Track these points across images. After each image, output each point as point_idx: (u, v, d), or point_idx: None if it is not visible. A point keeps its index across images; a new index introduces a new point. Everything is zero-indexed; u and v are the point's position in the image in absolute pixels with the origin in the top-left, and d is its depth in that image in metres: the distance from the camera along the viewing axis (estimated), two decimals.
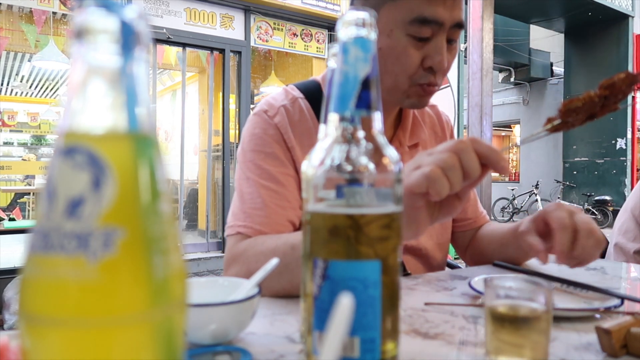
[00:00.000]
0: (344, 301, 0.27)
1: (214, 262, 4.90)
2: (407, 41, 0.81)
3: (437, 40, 0.81)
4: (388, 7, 0.82)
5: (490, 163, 0.57)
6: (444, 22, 0.79)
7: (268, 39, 5.29)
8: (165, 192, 0.25)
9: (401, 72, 0.83)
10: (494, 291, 0.47)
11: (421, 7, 0.79)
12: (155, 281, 0.23)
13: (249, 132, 0.89)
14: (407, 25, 0.80)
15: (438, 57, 0.81)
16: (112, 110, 0.24)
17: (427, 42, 0.81)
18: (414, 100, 0.86)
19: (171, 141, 7.16)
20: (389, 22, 0.81)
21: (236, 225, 0.83)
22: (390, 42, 0.81)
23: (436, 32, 0.80)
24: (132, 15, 0.24)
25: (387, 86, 0.85)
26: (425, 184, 0.54)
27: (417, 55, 0.81)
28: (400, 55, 0.82)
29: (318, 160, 0.39)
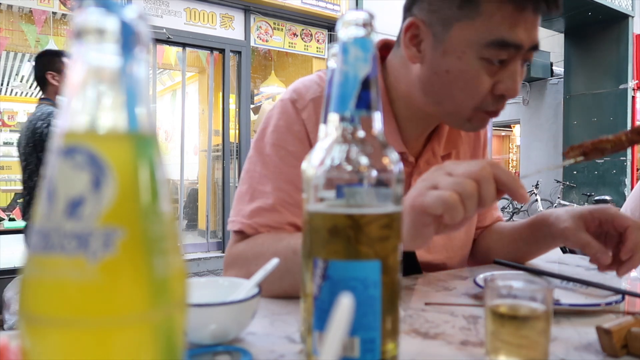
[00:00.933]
0: (344, 301, 0.27)
1: (214, 262, 4.90)
2: (480, 65, 0.73)
3: (513, 65, 0.74)
4: (461, 26, 0.73)
5: (508, 191, 0.57)
6: (523, 45, 0.72)
7: (268, 39, 5.29)
8: (165, 192, 0.25)
9: (468, 99, 0.76)
10: (494, 290, 0.47)
11: (501, 28, 0.71)
12: (155, 281, 0.23)
13: (274, 121, 0.83)
14: (482, 48, 0.72)
15: (512, 83, 0.74)
16: (112, 110, 0.24)
17: (502, 67, 0.74)
18: (475, 124, 0.80)
19: (171, 141, 7.16)
20: (460, 43, 0.73)
21: (240, 222, 0.80)
22: (461, 65, 0.74)
23: (513, 55, 0.73)
24: (132, 15, 0.24)
25: (447, 110, 0.79)
26: (442, 209, 0.54)
27: (489, 81, 0.74)
28: (471, 80, 0.74)
29: (318, 160, 0.39)
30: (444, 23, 0.74)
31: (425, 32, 0.76)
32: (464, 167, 0.57)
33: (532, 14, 0.72)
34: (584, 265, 0.99)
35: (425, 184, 0.57)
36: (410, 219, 0.58)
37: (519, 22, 0.71)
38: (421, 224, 0.57)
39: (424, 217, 0.56)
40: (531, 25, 0.72)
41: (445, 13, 0.74)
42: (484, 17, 0.71)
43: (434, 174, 0.58)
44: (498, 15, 0.71)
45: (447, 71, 0.75)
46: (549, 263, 1.00)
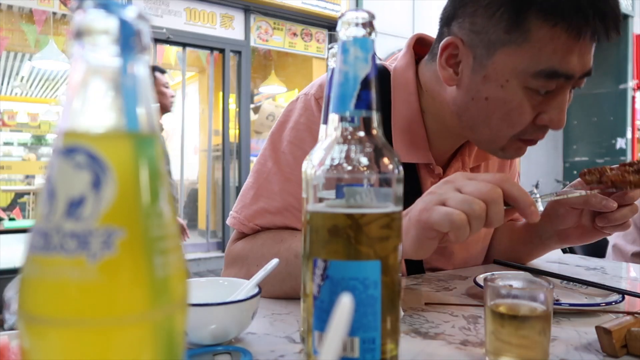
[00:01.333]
0: (344, 301, 0.27)
1: (214, 262, 4.90)
2: (523, 94, 0.67)
3: (561, 95, 0.68)
4: (507, 52, 0.67)
5: (518, 208, 0.55)
6: (575, 75, 0.67)
7: (268, 39, 5.29)
8: (165, 192, 0.25)
9: (506, 129, 0.70)
10: (494, 290, 0.47)
11: (553, 57, 0.65)
12: (155, 281, 0.23)
13: (295, 117, 0.79)
14: (529, 77, 0.66)
15: (558, 114, 0.68)
16: (112, 110, 0.24)
17: (549, 96, 0.68)
18: (509, 154, 0.75)
19: (171, 141, 7.16)
20: (505, 70, 0.67)
21: (239, 222, 0.78)
22: (503, 94, 0.68)
23: (562, 85, 0.67)
24: (132, 15, 0.24)
25: (482, 137, 0.74)
26: (448, 228, 0.53)
27: (532, 112, 0.69)
28: (513, 110, 0.68)
29: (318, 160, 0.39)
30: (487, 46, 0.68)
31: (464, 53, 0.70)
32: (474, 185, 0.55)
33: (589, 41, 0.66)
34: (584, 265, 0.99)
35: (433, 198, 0.56)
36: (416, 232, 0.57)
37: (573, 51, 0.65)
38: (426, 237, 0.57)
39: (430, 232, 0.56)
40: (586, 52, 0.66)
41: (490, 36, 0.67)
42: (534, 44, 0.65)
43: (443, 188, 0.57)
44: (550, 43, 0.64)
45: (486, 98, 0.70)
46: (549, 263, 1.00)
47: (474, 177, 0.57)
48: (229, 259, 0.79)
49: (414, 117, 0.79)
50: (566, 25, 0.63)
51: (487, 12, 0.67)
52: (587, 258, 1.11)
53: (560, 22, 0.63)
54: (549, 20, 0.64)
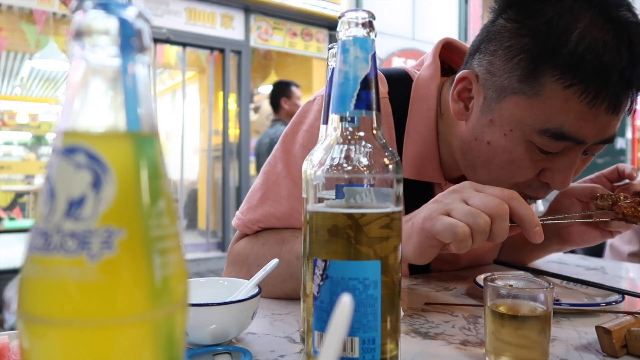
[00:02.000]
0: (344, 301, 0.27)
1: (214, 262, 4.90)
2: (526, 149, 0.64)
3: (569, 157, 0.64)
4: (515, 101, 0.63)
5: (523, 227, 0.54)
6: (587, 141, 0.62)
7: (268, 39, 5.29)
8: (165, 192, 0.25)
9: (506, 180, 0.67)
10: (494, 290, 0.47)
11: (562, 118, 0.60)
12: (155, 281, 0.23)
13: (310, 120, 0.75)
14: (534, 133, 0.62)
15: (562, 177, 0.64)
16: (112, 110, 0.24)
17: (555, 156, 0.64)
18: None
19: (171, 141, 7.16)
20: (510, 119, 0.64)
21: (245, 223, 0.77)
22: (505, 142, 0.65)
23: (570, 148, 0.63)
24: (132, 15, 0.24)
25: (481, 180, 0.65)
26: (451, 239, 0.52)
27: (535, 168, 0.66)
28: (513, 162, 0.65)
29: (318, 160, 0.39)
30: (498, 90, 0.65)
31: (477, 90, 0.68)
32: (482, 198, 0.54)
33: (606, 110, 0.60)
34: (584, 265, 0.99)
35: (438, 207, 0.55)
36: (418, 239, 0.56)
37: (587, 117, 0.60)
38: (427, 245, 0.56)
39: (432, 241, 0.55)
40: (605, 121, 0.61)
41: (503, 81, 0.64)
42: (545, 100, 0.61)
43: (449, 197, 0.56)
44: (562, 103, 0.60)
45: (488, 142, 0.67)
46: (549, 263, 1.00)
47: (482, 189, 0.56)
48: (230, 258, 0.79)
49: (429, 135, 0.76)
50: (582, 88, 0.59)
51: (506, 55, 0.64)
52: (587, 258, 1.11)
53: (577, 83, 0.59)
54: (565, 79, 0.59)
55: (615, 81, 0.58)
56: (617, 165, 0.76)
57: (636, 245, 1.42)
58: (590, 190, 0.74)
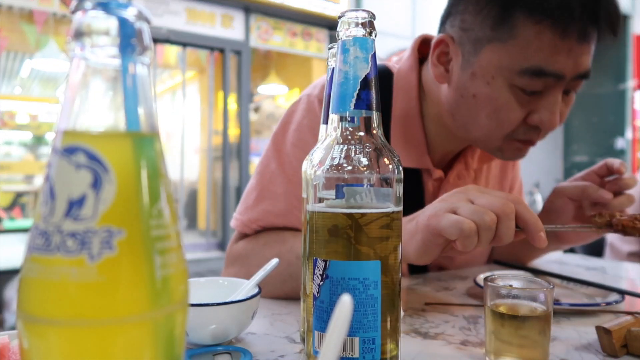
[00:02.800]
0: (344, 301, 0.27)
1: (214, 262, 4.89)
2: (511, 93, 0.67)
3: (551, 95, 0.67)
4: (493, 49, 0.66)
5: (527, 231, 0.55)
6: (565, 75, 0.65)
7: (268, 39, 5.29)
8: (165, 192, 0.25)
9: (497, 128, 0.70)
10: (494, 290, 0.47)
11: (538, 55, 0.64)
12: (155, 281, 0.23)
13: (298, 118, 0.78)
14: (515, 75, 0.65)
15: (549, 115, 0.67)
16: (112, 109, 0.24)
17: (537, 96, 0.67)
18: (508, 154, 0.74)
19: (171, 141, 7.16)
20: (491, 67, 0.67)
21: (243, 224, 0.77)
22: (489, 91, 0.67)
23: (552, 85, 0.66)
24: (133, 15, 0.24)
25: (477, 137, 0.73)
26: (457, 235, 0.52)
27: (522, 111, 0.68)
28: (500, 109, 0.67)
29: (318, 160, 0.39)
30: (474, 43, 0.68)
31: (454, 51, 0.71)
32: (488, 198, 0.54)
33: (577, 40, 0.63)
34: (584, 265, 0.99)
35: (444, 206, 0.55)
36: (423, 237, 0.56)
37: (561, 50, 0.63)
38: (432, 243, 0.56)
39: (437, 238, 0.55)
40: (578, 52, 0.64)
41: (477, 33, 0.67)
42: (519, 41, 0.64)
43: (454, 197, 0.56)
44: (535, 40, 0.63)
45: (474, 95, 0.69)
46: (549, 263, 1.00)
47: (488, 191, 0.57)
48: (230, 258, 0.79)
49: (413, 121, 0.79)
50: (550, 22, 0.62)
51: (475, 8, 0.68)
52: (587, 258, 1.11)
53: (545, 19, 0.63)
54: (534, 17, 0.63)
55: (579, 12, 0.62)
56: (605, 161, 0.76)
57: (635, 244, 1.42)
58: (581, 188, 0.74)
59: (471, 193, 0.56)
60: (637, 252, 1.41)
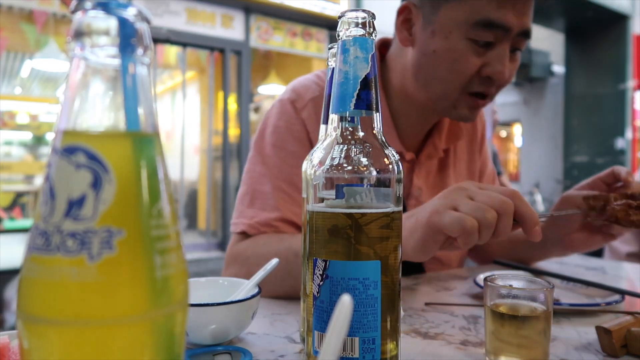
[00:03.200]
0: (344, 301, 0.27)
1: (214, 262, 4.90)
2: (466, 45, 0.74)
3: (501, 48, 0.74)
4: (449, 7, 0.74)
5: (524, 225, 0.56)
6: (512, 28, 0.73)
7: (268, 39, 5.29)
8: (165, 192, 0.25)
9: (455, 79, 0.76)
10: (494, 290, 0.47)
11: (488, 8, 0.72)
12: (155, 281, 0.23)
13: (273, 122, 0.83)
14: (469, 28, 0.73)
15: (499, 66, 0.74)
16: (112, 109, 0.24)
17: (489, 49, 0.74)
18: (462, 112, 0.80)
19: (171, 141, 7.16)
20: (448, 23, 0.74)
21: (242, 224, 0.79)
22: (448, 44, 0.74)
23: (500, 38, 0.74)
24: (132, 15, 0.24)
25: (436, 93, 0.79)
26: (458, 232, 0.53)
27: (476, 61, 0.74)
28: (457, 60, 0.74)
29: (318, 160, 0.39)
30: (433, 4, 0.76)
31: (416, 15, 0.79)
32: (487, 195, 0.56)
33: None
34: (583, 265, 0.99)
35: (444, 202, 0.56)
36: (422, 233, 0.57)
37: (506, 4, 0.72)
38: (432, 240, 0.57)
39: (438, 235, 0.56)
40: (521, 9, 0.73)
41: None
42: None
43: (454, 194, 0.57)
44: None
45: (434, 51, 0.76)
46: (549, 263, 1.00)
47: (486, 187, 0.58)
48: (230, 258, 0.80)
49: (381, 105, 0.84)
50: None
51: None
52: (587, 258, 1.11)
53: None
54: None
55: None
56: (612, 168, 0.77)
57: (635, 245, 1.42)
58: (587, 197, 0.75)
59: (471, 189, 0.57)
60: (636, 252, 1.41)
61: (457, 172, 0.96)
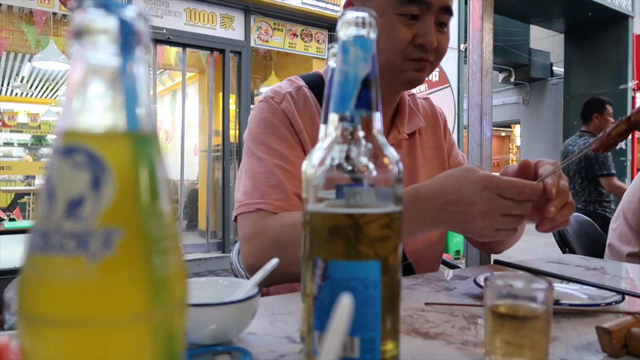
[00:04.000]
0: (344, 301, 0.27)
1: (214, 262, 4.90)
2: (397, 19, 0.87)
3: (426, 20, 0.88)
4: None
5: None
6: (432, 2, 0.87)
7: (268, 39, 5.29)
8: (165, 192, 0.25)
9: (393, 49, 0.88)
10: (494, 290, 0.47)
11: None
12: (155, 281, 0.23)
13: (257, 117, 0.92)
14: (397, 5, 0.86)
15: (427, 35, 0.87)
16: (112, 110, 0.24)
17: (417, 22, 0.88)
18: (409, 75, 0.90)
19: (171, 141, 7.16)
20: (380, 3, 0.88)
21: (253, 203, 0.83)
22: (383, 20, 0.87)
23: (424, 12, 0.87)
24: (132, 15, 0.24)
25: (382, 64, 0.87)
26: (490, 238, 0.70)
27: (408, 32, 0.87)
28: (392, 32, 0.87)
29: (318, 160, 0.39)
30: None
31: (357, 2, 0.92)
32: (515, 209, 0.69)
33: None
34: (584, 265, 0.99)
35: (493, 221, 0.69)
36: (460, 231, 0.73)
37: None
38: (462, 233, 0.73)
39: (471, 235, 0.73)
40: None
41: None
42: None
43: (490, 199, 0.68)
44: None
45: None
46: (549, 263, 1.00)
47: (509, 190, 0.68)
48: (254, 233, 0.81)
49: None
50: None
51: None
52: (587, 258, 1.11)
53: None
54: None
55: None
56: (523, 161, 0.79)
57: (635, 246, 1.42)
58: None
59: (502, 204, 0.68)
60: (636, 252, 1.41)
61: (426, 156, 1.07)
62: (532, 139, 11.25)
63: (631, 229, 1.44)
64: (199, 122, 6.18)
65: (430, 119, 1.11)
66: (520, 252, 5.09)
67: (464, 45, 5.37)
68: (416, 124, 1.05)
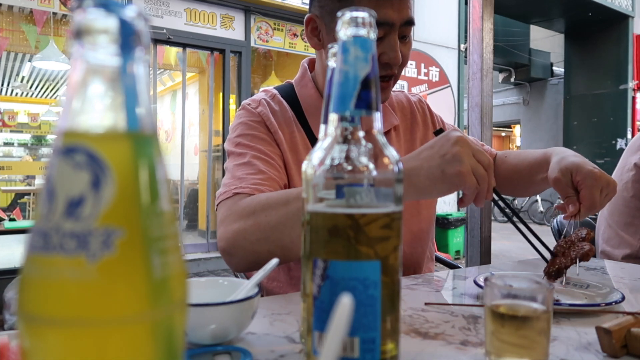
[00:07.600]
0: (344, 301, 0.27)
1: (214, 262, 4.90)
2: None
3: (390, 39, 0.89)
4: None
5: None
6: (394, 22, 0.87)
7: (268, 39, 5.29)
8: (165, 192, 0.25)
9: None
10: (494, 290, 0.47)
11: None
12: (154, 281, 0.23)
13: (236, 123, 0.99)
14: None
15: (392, 53, 0.89)
16: (112, 110, 0.24)
17: (382, 41, 0.89)
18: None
19: (171, 141, 7.16)
20: None
21: (231, 189, 0.85)
22: None
23: (388, 31, 0.88)
24: (132, 15, 0.24)
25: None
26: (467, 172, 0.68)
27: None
28: None
29: (318, 160, 0.39)
30: (330, 14, 0.91)
31: (320, 23, 0.94)
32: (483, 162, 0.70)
33: None
34: (584, 265, 0.99)
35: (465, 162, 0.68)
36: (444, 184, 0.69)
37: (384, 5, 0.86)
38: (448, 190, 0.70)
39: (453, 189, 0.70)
40: (399, 5, 0.87)
41: (330, 6, 0.91)
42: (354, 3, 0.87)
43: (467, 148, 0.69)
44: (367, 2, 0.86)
45: None
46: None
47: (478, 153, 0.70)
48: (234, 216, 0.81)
49: (318, 103, 0.98)
50: None
51: None
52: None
53: None
54: None
55: None
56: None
57: (627, 247, 1.43)
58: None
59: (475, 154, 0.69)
60: (630, 254, 1.41)
61: (403, 151, 1.09)
62: (532, 139, 11.24)
63: (616, 232, 1.45)
64: (199, 122, 6.18)
65: (407, 112, 1.13)
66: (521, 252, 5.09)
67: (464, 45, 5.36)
68: (390, 122, 1.07)
